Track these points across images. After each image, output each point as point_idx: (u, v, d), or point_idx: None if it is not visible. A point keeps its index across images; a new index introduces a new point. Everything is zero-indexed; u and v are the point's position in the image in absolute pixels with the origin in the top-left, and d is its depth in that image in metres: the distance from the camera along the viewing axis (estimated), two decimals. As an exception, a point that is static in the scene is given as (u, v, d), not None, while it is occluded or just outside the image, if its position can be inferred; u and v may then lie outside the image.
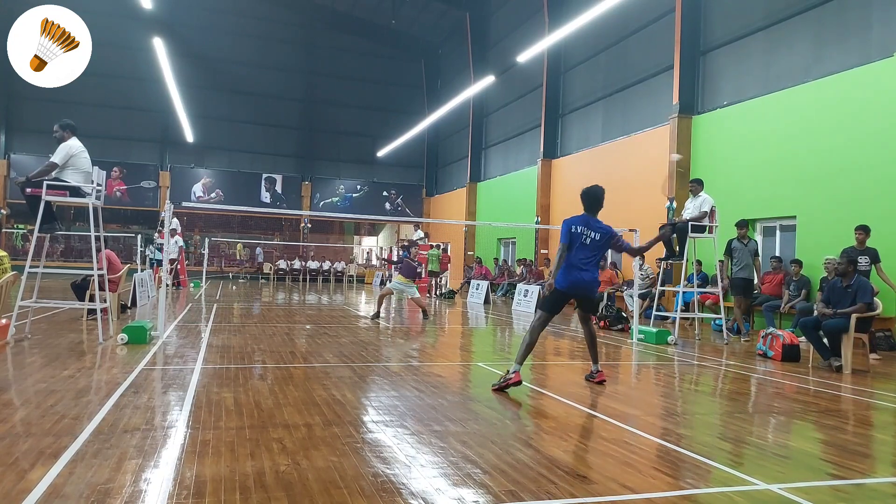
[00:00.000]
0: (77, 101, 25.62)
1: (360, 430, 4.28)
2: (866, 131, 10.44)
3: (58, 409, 4.44)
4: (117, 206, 28.70)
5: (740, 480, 3.49)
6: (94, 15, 10.90)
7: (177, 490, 3.05)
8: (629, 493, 3.24)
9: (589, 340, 6.30)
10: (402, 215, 32.88)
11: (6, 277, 6.68)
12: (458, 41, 28.94)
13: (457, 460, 3.66)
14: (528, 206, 21.53)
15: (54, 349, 7.06)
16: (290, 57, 31.42)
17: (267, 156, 31.47)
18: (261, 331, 9.76)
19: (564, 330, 11.38)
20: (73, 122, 7.81)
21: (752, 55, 13.18)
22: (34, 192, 7.43)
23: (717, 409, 5.59)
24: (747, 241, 10.62)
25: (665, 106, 15.24)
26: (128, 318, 10.18)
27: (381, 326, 11.14)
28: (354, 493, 3.09)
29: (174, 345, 7.85)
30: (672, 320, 10.96)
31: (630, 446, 4.10)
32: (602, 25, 17.14)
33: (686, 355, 8.53)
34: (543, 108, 21.18)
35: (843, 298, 7.63)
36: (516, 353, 5.85)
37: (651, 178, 15.44)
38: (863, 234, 9.15)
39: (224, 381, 5.68)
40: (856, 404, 5.84)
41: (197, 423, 4.27)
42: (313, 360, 7.18)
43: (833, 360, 7.55)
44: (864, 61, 10.64)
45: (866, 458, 4.11)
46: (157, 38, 21.66)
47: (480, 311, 15.23)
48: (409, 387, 5.77)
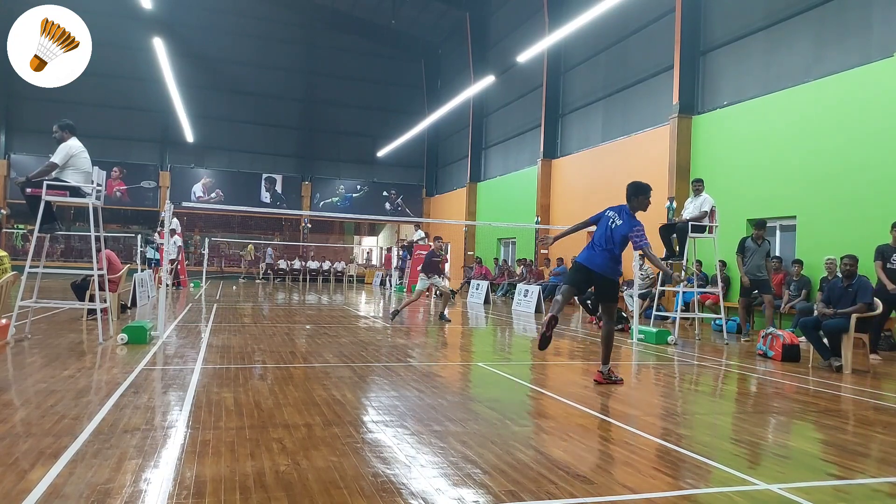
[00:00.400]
0: (77, 101, 25.62)
1: (360, 430, 4.28)
2: (866, 131, 10.44)
3: (58, 409, 4.44)
4: (117, 206, 28.70)
5: (740, 480, 3.49)
6: (94, 15, 10.90)
7: (177, 490, 3.05)
8: (629, 493, 3.24)
9: (601, 336, 6.37)
10: (402, 215, 32.88)
11: (6, 277, 6.68)
12: (458, 41, 28.94)
13: (457, 460, 3.66)
14: (528, 206, 21.53)
15: (54, 349, 7.06)
16: (290, 57, 31.42)
17: (267, 156, 31.47)
18: (261, 331, 9.76)
19: (564, 330, 11.38)
20: (72, 122, 7.81)
21: (752, 55, 13.18)
22: (34, 193, 7.43)
23: (717, 409, 5.59)
24: (761, 242, 10.26)
25: (665, 106, 15.24)
26: (128, 318, 10.18)
27: (382, 327, 11.14)
28: (354, 493, 3.09)
29: (174, 345, 7.85)
30: (672, 320, 10.96)
31: (630, 446, 4.10)
32: (602, 25, 17.14)
33: (686, 355, 8.53)
34: (543, 108, 21.18)
35: (844, 298, 7.63)
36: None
37: (651, 178, 15.26)
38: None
39: (224, 381, 5.68)
40: (856, 404, 5.84)
41: (197, 423, 4.27)
42: (313, 360, 7.18)
43: (833, 360, 7.55)
44: (864, 61, 10.64)
45: (866, 458, 4.11)
46: (157, 38, 21.65)
47: (480, 311, 15.23)
48: (409, 387, 5.77)
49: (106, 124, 28.02)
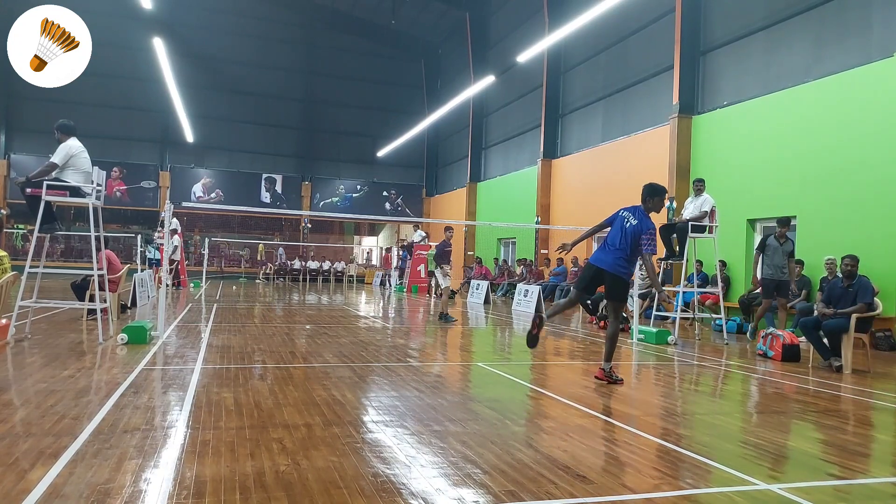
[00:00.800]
0: (77, 101, 25.63)
1: (360, 430, 4.28)
2: (866, 131, 10.44)
3: (58, 409, 4.44)
4: (117, 206, 28.71)
5: (740, 480, 3.49)
6: (94, 15, 10.90)
7: (177, 490, 3.05)
8: (629, 493, 3.24)
9: (606, 335, 6.41)
10: (402, 215, 32.88)
11: (6, 277, 6.68)
12: (458, 41, 28.94)
13: (457, 460, 3.66)
14: (528, 206, 21.53)
15: (54, 349, 7.06)
16: (290, 57, 31.43)
17: (267, 156, 31.48)
18: (261, 331, 9.76)
19: (564, 330, 11.38)
20: (70, 122, 7.79)
21: (752, 55, 13.18)
22: (34, 193, 7.43)
23: (717, 409, 5.59)
24: (784, 241, 9.75)
25: (665, 106, 15.24)
26: (128, 318, 10.17)
27: (382, 327, 11.14)
28: (354, 493, 3.09)
29: (174, 345, 7.85)
30: (672, 320, 10.96)
31: (630, 446, 4.10)
32: (602, 25, 17.15)
33: (686, 355, 8.53)
34: (543, 108, 21.19)
35: (844, 298, 7.63)
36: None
37: (651, 178, 15.30)
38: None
39: (224, 381, 5.68)
40: (856, 404, 5.84)
41: (197, 423, 4.27)
42: (313, 360, 7.18)
43: (833, 360, 7.54)
44: (864, 61, 10.64)
45: (866, 458, 4.11)
46: (157, 38, 21.67)
47: (480, 311, 15.23)
48: (409, 387, 5.76)
49: (106, 124, 28.03)
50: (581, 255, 18.28)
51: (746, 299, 11.80)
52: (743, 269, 12.92)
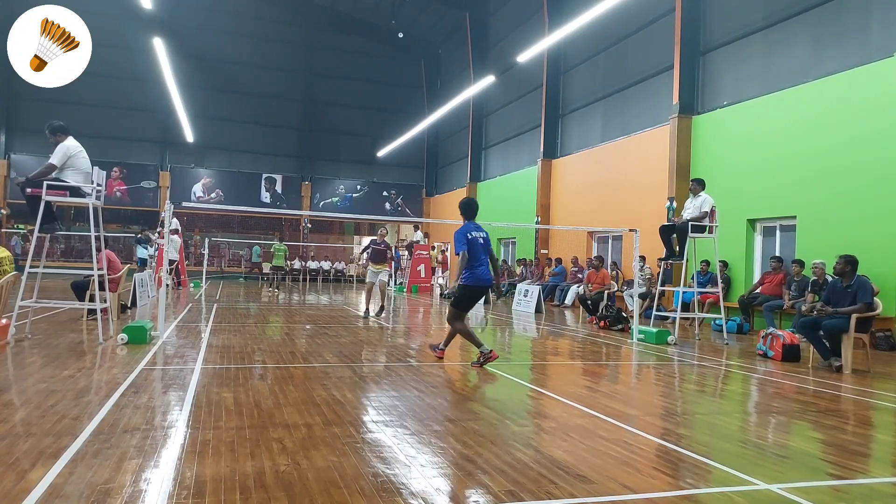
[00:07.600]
0: (77, 101, 25.63)
1: (360, 430, 4.28)
2: (866, 131, 10.44)
3: (58, 409, 4.44)
4: (117, 206, 28.71)
5: (740, 480, 3.49)
6: (94, 15, 10.89)
7: (177, 490, 3.05)
8: (629, 493, 3.24)
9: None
10: (402, 215, 32.87)
11: (6, 277, 6.69)
12: (458, 41, 28.94)
13: (457, 460, 3.66)
14: (528, 206, 21.54)
15: (54, 349, 7.06)
16: (290, 57, 31.42)
17: (267, 156, 31.47)
18: (261, 331, 9.76)
19: (564, 330, 11.38)
20: (62, 122, 7.71)
21: (751, 55, 13.18)
22: (34, 193, 7.42)
23: (716, 409, 5.59)
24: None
25: (665, 106, 15.25)
26: (128, 318, 10.17)
27: (376, 326, 11.14)
28: (354, 493, 3.09)
29: (174, 345, 7.85)
30: (672, 320, 10.96)
31: (630, 446, 4.10)
32: (602, 25, 17.14)
33: (686, 355, 8.53)
34: (543, 108, 21.19)
35: (843, 298, 7.63)
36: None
37: (651, 178, 15.44)
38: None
39: (224, 381, 5.68)
40: (856, 404, 5.84)
41: (197, 423, 4.27)
42: (313, 360, 7.18)
43: (833, 360, 7.55)
44: (863, 61, 10.65)
45: (866, 458, 4.12)
46: (157, 38, 21.66)
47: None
48: (409, 387, 5.77)
49: (106, 124, 28.03)
50: (581, 255, 18.30)
51: (746, 299, 11.82)
52: (743, 269, 12.93)
